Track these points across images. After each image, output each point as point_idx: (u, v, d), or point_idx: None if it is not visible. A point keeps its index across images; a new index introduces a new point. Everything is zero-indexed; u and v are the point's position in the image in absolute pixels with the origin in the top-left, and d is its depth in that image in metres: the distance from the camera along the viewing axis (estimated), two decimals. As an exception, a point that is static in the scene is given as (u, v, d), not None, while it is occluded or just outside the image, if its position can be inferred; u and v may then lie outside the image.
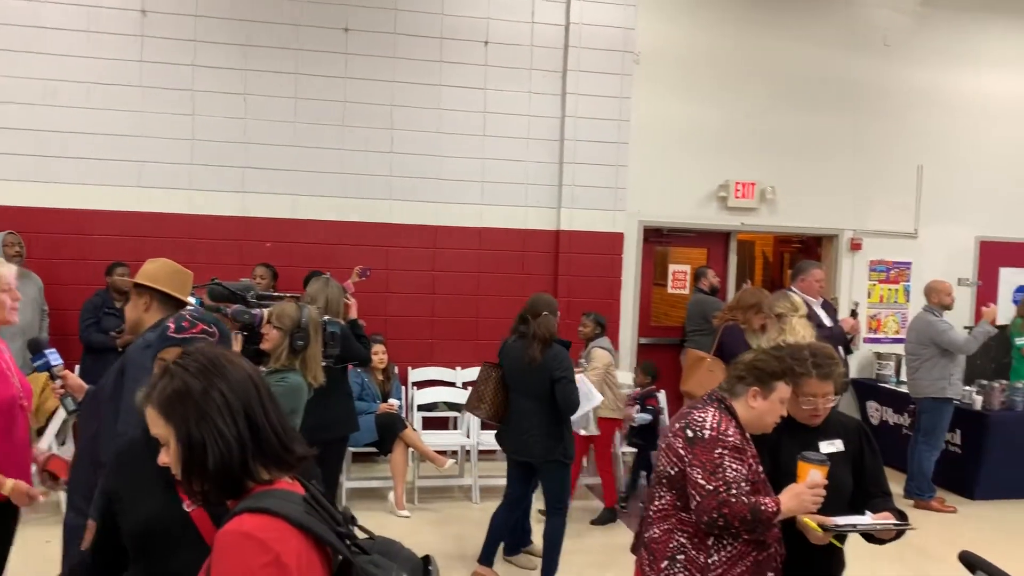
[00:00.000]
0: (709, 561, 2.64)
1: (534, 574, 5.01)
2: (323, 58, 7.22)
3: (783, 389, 2.73)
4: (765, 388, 2.72)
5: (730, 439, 2.64)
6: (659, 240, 8.47)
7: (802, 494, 2.63)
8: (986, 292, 8.69)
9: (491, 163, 7.63)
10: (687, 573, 2.64)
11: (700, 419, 2.69)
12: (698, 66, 8.06)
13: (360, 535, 1.73)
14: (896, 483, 6.82)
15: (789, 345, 3.32)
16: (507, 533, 5.00)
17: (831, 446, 2.84)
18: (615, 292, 7.90)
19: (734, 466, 2.61)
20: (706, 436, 2.64)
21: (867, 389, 8.16)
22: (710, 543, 2.65)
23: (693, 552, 2.65)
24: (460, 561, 5.17)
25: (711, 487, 2.58)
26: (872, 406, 8.09)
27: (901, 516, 2.81)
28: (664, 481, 2.75)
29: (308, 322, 3.67)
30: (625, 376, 7.73)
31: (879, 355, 8.25)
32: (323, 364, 3.84)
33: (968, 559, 2.77)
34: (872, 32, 8.32)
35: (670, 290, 8.56)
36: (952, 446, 7.11)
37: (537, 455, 4.63)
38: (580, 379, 4.89)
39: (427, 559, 1.81)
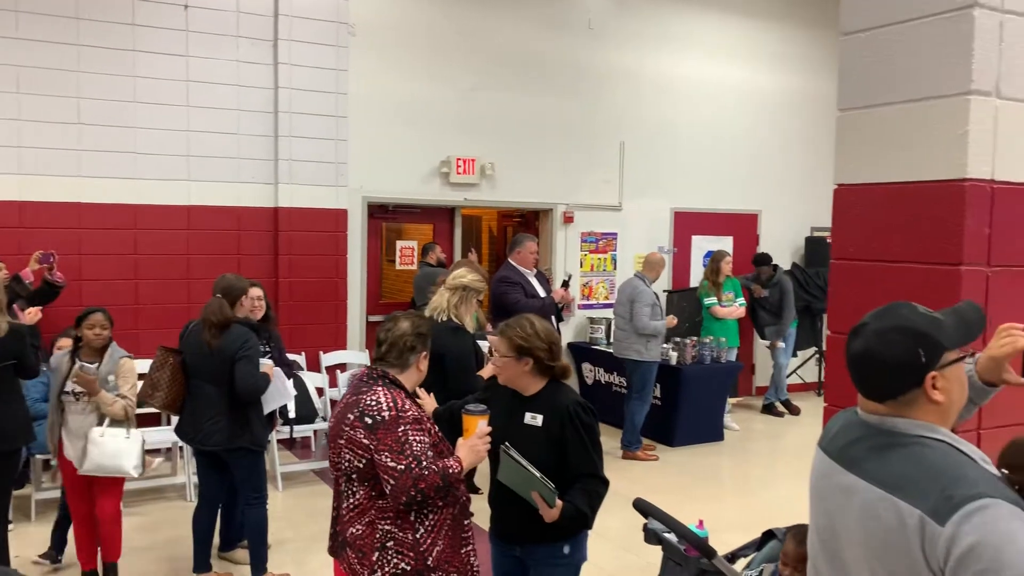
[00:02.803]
0: (417, 536, 2.67)
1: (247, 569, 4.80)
2: (-14, 14, 6.31)
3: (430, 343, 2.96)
4: (427, 348, 2.90)
5: (408, 413, 2.67)
6: (385, 216, 8.42)
7: (475, 445, 2.78)
8: (681, 257, 9.61)
9: (198, 136, 7.13)
10: (401, 555, 2.66)
11: (374, 403, 2.68)
12: (417, 41, 8.06)
13: None
14: (614, 438, 7.43)
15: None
16: (212, 532, 4.72)
17: (532, 419, 2.93)
18: (341, 270, 7.75)
19: (418, 438, 2.65)
20: (386, 418, 2.64)
21: (582, 351, 8.74)
22: (413, 519, 2.68)
23: (401, 534, 2.66)
24: (170, 563, 4.85)
25: (402, 466, 2.59)
26: (587, 367, 8.67)
27: (579, 514, 2.80)
28: (354, 476, 2.71)
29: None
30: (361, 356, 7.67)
31: (592, 320, 8.85)
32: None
33: (640, 506, 3.02)
34: (578, 14, 8.79)
35: (398, 266, 8.56)
36: (655, 399, 7.80)
37: (219, 443, 4.38)
38: (277, 372, 4.75)
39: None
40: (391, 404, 2.66)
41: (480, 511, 3.15)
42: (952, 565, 1.44)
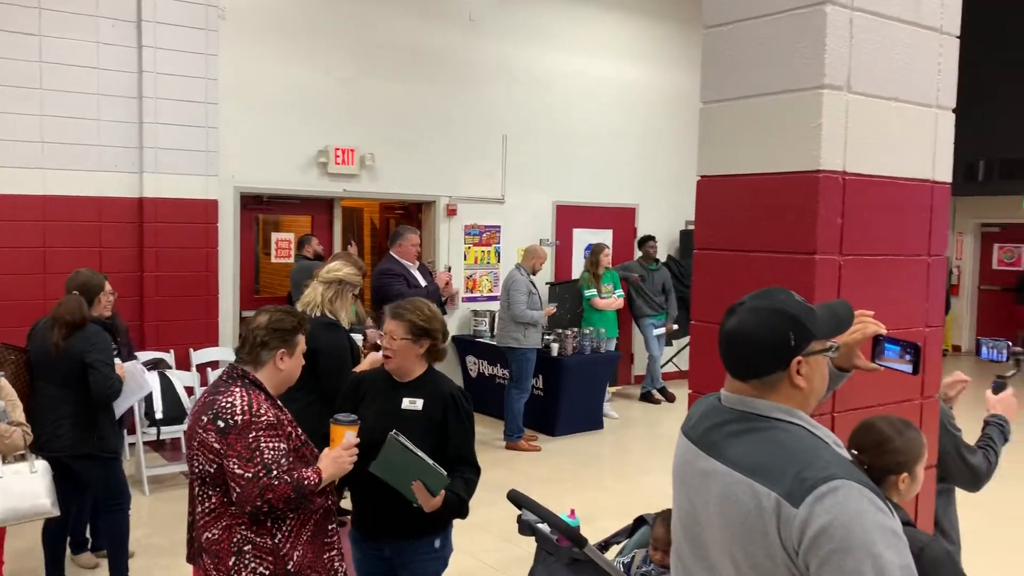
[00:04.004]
0: (276, 541, 2.56)
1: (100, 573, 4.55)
2: None
3: (302, 339, 2.79)
4: (290, 346, 2.72)
5: (263, 418, 2.55)
6: (259, 207, 8.14)
7: (339, 457, 2.66)
8: (563, 250, 9.72)
9: (53, 121, 6.67)
10: (259, 560, 2.55)
11: (228, 405, 2.55)
12: (292, 27, 7.81)
13: None
14: (497, 429, 7.45)
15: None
16: (63, 540, 4.43)
17: (411, 404, 2.89)
18: (212, 264, 7.43)
19: (271, 445, 2.53)
20: (239, 422, 2.51)
21: (466, 344, 8.71)
22: (270, 524, 2.57)
23: (258, 539, 2.55)
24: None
25: (250, 474, 2.48)
26: (471, 360, 8.66)
27: (460, 501, 2.81)
28: (207, 480, 2.58)
29: None
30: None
31: (475, 313, 8.83)
32: None
33: (514, 497, 3.01)
34: (458, 6, 8.73)
35: (274, 259, 8.29)
36: (537, 390, 7.87)
37: (63, 448, 4.09)
38: (132, 366, 4.51)
39: None
40: (246, 407, 2.53)
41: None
42: (805, 546, 1.47)
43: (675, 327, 9.41)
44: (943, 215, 2.68)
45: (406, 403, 2.88)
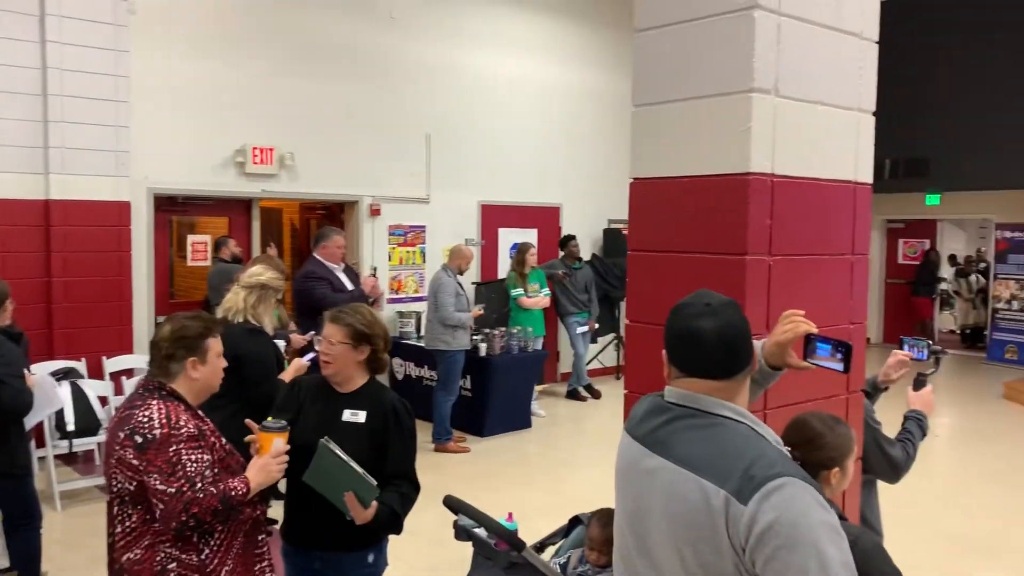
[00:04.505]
0: (203, 558, 2.46)
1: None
2: None
3: (214, 343, 2.64)
4: (199, 353, 2.59)
5: (183, 430, 2.44)
6: (174, 209, 7.85)
7: (267, 465, 2.57)
8: (489, 250, 9.71)
9: (-53, 119, 6.30)
10: None
11: (146, 420, 2.43)
12: (207, 23, 7.56)
13: None
14: (425, 432, 7.38)
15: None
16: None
17: (353, 416, 2.79)
18: (125, 268, 7.13)
19: (194, 457, 2.43)
20: (157, 436, 2.40)
21: (392, 346, 8.58)
22: (196, 540, 2.46)
23: (184, 556, 2.44)
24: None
25: (173, 489, 2.37)
26: (397, 362, 8.56)
27: (392, 516, 2.71)
28: (127, 499, 2.46)
29: None
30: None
31: (401, 314, 8.74)
32: None
33: (450, 503, 2.98)
34: (380, 4, 8.61)
35: (190, 263, 8.02)
36: (464, 391, 7.83)
37: None
38: (43, 379, 4.29)
39: None
40: (164, 420, 2.42)
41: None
42: (752, 542, 1.49)
43: (597, 325, 9.51)
44: (865, 215, 2.77)
45: (347, 415, 2.79)
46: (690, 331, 1.70)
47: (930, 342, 3.16)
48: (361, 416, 2.77)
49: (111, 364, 6.82)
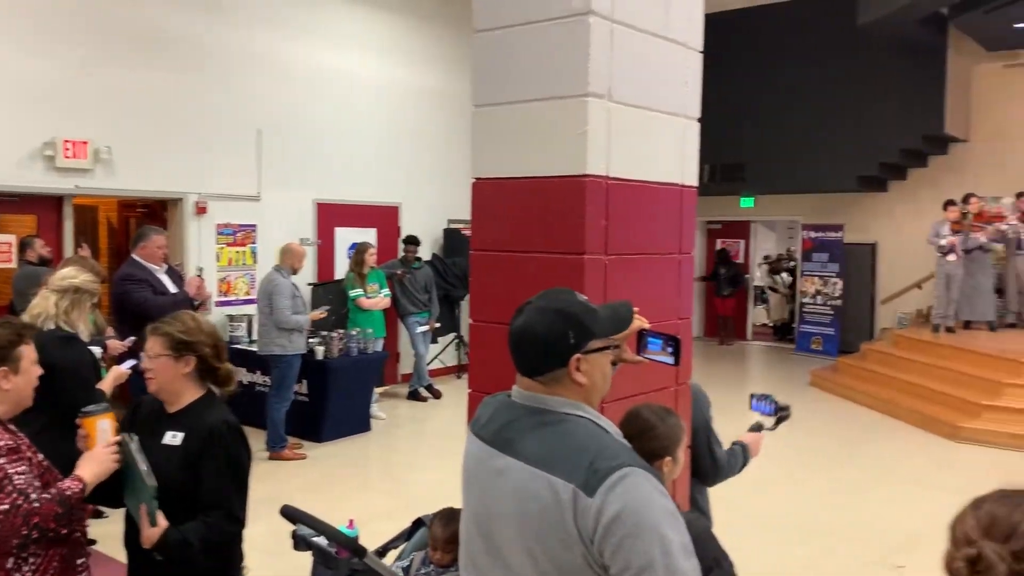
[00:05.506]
0: None
1: None
2: None
3: (27, 350, 2.46)
4: (11, 362, 2.40)
5: (1, 443, 2.24)
6: (-29, 206, 7.13)
7: (99, 455, 2.38)
8: (325, 249, 9.47)
9: None
10: None
11: None
12: (12, 5, 6.91)
13: None
14: (259, 440, 7.08)
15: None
16: None
17: (173, 438, 2.53)
18: (-89, 270, 6.41)
19: (19, 470, 2.25)
20: None
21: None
22: (11, 565, 2.27)
23: None
24: None
25: (7, 506, 2.19)
26: (228, 368, 8.16)
27: (182, 545, 2.40)
28: None
29: None
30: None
31: (231, 317, 8.36)
32: None
33: (288, 512, 2.87)
34: (205, -8, 8.21)
35: (-9, 265, 7.31)
36: (300, 395, 7.60)
37: None
38: None
39: None
40: None
41: (107, 537, 2.77)
42: (600, 533, 1.53)
43: (437, 325, 9.53)
44: (691, 216, 2.92)
45: (168, 437, 2.51)
46: (509, 332, 1.76)
47: (776, 402, 3.28)
48: (179, 439, 2.50)
49: None
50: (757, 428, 3.33)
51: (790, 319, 14.74)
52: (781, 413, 3.29)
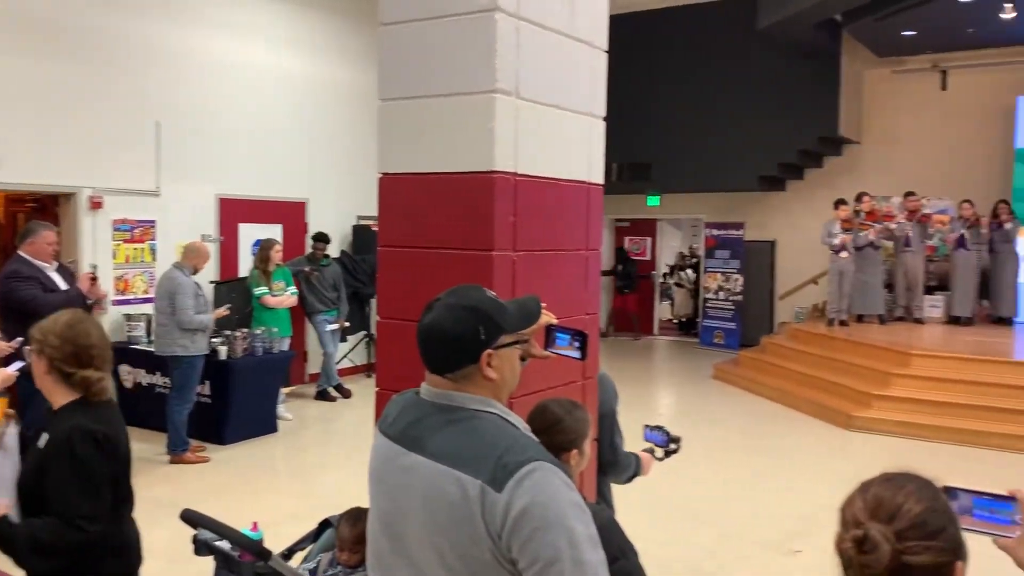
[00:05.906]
0: None
1: None
2: None
3: None
4: None
5: None
6: None
7: None
8: (228, 246, 9.20)
9: None
10: None
11: None
12: None
13: None
14: (160, 443, 6.83)
15: None
16: None
17: (43, 440, 2.46)
18: None
19: None
20: None
21: (119, 352, 7.82)
22: None
23: None
24: None
25: None
26: (125, 369, 7.85)
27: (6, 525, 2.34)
28: None
29: None
30: None
31: (129, 316, 8.03)
32: None
33: (188, 517, 2.79)
34: (99, -23, 7.84)
35: None
36: (203, 397, 7.36)
37: None
38: None
39: None
40: None
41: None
42: (509, 528, 1.53)
43: (347, 323, 9.40)
44: (598, 213, 2.96)
45: (42, 439, 2.46)
46: (417, 329, 1.75)
47: (669, 433, 3.32)
48: (42, 441, 2.44)
49: None
50: (649, 451, 3.39)
51: (694, 314, 15.15)
52: (672, 446, 3.33)
